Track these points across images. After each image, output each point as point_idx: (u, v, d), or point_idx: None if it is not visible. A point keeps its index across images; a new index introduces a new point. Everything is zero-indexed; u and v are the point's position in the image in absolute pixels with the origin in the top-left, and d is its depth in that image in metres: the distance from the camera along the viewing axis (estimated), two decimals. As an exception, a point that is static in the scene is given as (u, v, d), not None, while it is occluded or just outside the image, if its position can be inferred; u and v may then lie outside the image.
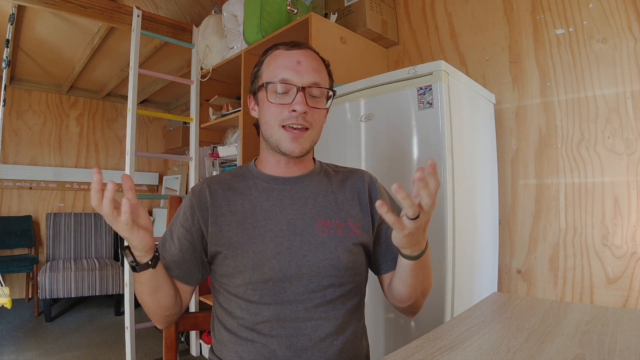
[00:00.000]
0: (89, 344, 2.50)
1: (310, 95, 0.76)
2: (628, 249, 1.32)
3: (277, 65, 0.77)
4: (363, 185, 0.84)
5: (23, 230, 3.39)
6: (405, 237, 0.62)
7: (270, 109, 0.76)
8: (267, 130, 0.77)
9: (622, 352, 0.58)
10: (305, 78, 0.75)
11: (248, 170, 0.85)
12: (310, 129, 0.76)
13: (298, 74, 0.75)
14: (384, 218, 0.59)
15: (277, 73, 0.75)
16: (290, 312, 0.72)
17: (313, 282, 0.73)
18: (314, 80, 0.75)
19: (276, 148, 0.77)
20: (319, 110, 0.77)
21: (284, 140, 0.75)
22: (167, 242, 0.80)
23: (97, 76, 3.51)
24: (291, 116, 0.74)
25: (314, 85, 0.76)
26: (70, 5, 2.17)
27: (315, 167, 0.85)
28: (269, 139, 0.78)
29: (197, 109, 2.56)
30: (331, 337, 0.73)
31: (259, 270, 0.73)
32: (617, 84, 1.37)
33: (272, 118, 0.75)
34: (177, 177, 3.86)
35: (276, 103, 0.75)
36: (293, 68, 0.75)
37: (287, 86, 0.75)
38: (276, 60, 0.78)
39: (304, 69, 0.75)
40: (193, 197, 0.80)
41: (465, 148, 1.31)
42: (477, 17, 1.76)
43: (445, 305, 1.14)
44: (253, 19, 1.94)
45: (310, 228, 0.76)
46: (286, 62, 0.76)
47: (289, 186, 0.80)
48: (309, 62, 0.77)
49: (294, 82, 0.74)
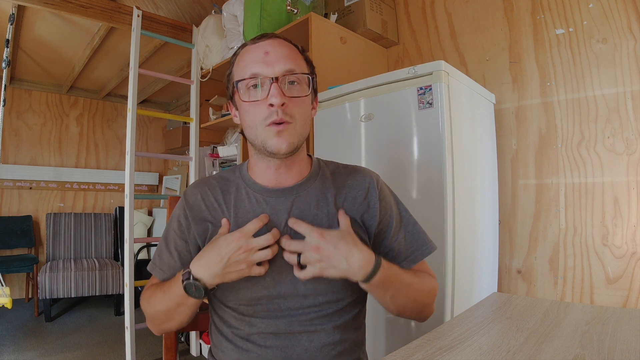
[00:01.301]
0: (89, 344, 2.50)
1: (287, 84, 0.68)
2: (628, 249, 1.32)
3: (245, 61, 0.70)
4: (361, 193, 0.76)
5: (23, 230, 3.39)
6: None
7: (247, 109, 0.69)
8: (251, 133, 0.70)
9: (622, 352, 0.58)
10: (276, 68, 0.67)
11: (241, 176, 0.78)
12: (293, 122, 0.68)
13: (268, 65, 0.67)
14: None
15: (246, 69, 0.69)
16: (285, 325, 0.70)
17: (309, 299, 0.71)
18: (286, 68, 0.68)
19: (263, 150, 0.69)
20: (301, 100, 0.69)
21: (269, 139, 0.67)
22: (164, 254, 0.77)
23: (97, 76, 3.51)
24: (271, 112, 0.66)
25: (287, 73, 0.68)
26: (70, 5, 2.17)
27: (312, 171, 0.77)
28: (254, 142, 0.70)
29: (197, 109, 2.56)
30: (328, 347, 0.71)
31: (252, 289, 0.70)
32: (617, 84, 1.37)
33: (253, 119, 0.68)
34: (177, 177, 3.86)
35: (251, 101, 0.68)
36: (262, 60, 0.68)
37: (259, 80, 0.68)
38: (244, 56, 0.71)
39: (274, 58, 0.68)
40: (187, 207, 0.75)
41: (465, 148, 1.31)
42: (477, 17, 1.76)
43: (445, 305, 1.14)
44: (253, 19, 1.94)
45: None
46: (254, 55, 0.69)
47: (283, 199, 0.73)
48: (278, 50, 0.69)
49: (265, 74, 0.67)
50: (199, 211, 0.75)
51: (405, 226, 0.78)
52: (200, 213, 0.74)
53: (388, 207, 0.78)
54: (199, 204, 0.75)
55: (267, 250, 0.66)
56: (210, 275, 0.65)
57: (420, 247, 0.77)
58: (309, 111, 0.74)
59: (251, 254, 0.65)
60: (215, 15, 2.44)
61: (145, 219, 3.90)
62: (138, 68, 2.21)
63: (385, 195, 0.78)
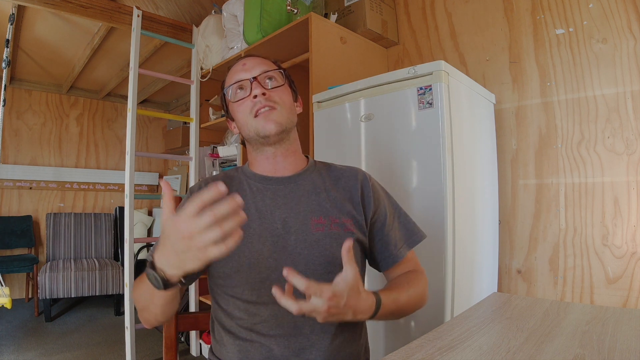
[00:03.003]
0: (89, 344, 2.50)
1: (265, 80, 0.82)
2: (628, 249, 1.32)
3: (230, 75, 0.85)
4: (356, 183, 0.84)
5: (23, 230, 3.39)
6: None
7: (238, 109, 0.81)
8: (245, 128, 0.81)
9: (622, 352, 0.58)
10: (254, 71, 0.82)
11: (242, 171, 0.87)
12: (277, 107, 0.79)
13: (247, 71, 0.82)
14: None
15: (232, 79, 0.83)
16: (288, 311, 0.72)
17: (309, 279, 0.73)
18: (261, 69, 0.82)
19: (257, 138, 0.80)
20: (280, 89, 0.82)
21: (259, 125, 0.78)
22: None
23: (97, 76, 3.51)
24: (255, 102, 0.79)
25: (262, 72, 0.82)
26: (70, 5, 2.17)
27: (308, 165, 0.86)
28: (249, 135, 0.81)
29: (197, 109, 2.56)
30: (329, 336, 0.74)
31: (256, 269, 0.74)
32: (617, 84, 1.37)
33: (242, 115, 0.81)
34: (177, 177, 3.86)
35: (238, 100, 0.81)
36: (241, 69, 0.83)
37: (242, 83, 0.81)
38: (229, 74, 0.86)
39: (251, 65, 0.83)
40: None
41: (465, 148, 1.31)
42: (477, 17, 1.76)
43: (445, 305, 1.14)
44: (253, 19, 1.94)
45: (304, 226, 0.77)
46: (235, 68, 0.85)
47: (282, 186, 0.82)
48: (254, 60, 0.84)
49: (246, 77, 0.81)
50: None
51: (398, 216, 0.87)
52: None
53: (381, 198, 0.85)
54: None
55: (214, 229, 0.49)
56: (169, 265, 0.56)
57: (413, 234, 0.86)
58: (291, 100, 0.85)
59: (196, 239, 0.50)
60: (215, 15, 2.44)
61: (145, 219, 3.90)
62: (138, 68, 2.21)
63: (377, 189, 0.87)
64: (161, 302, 0.66)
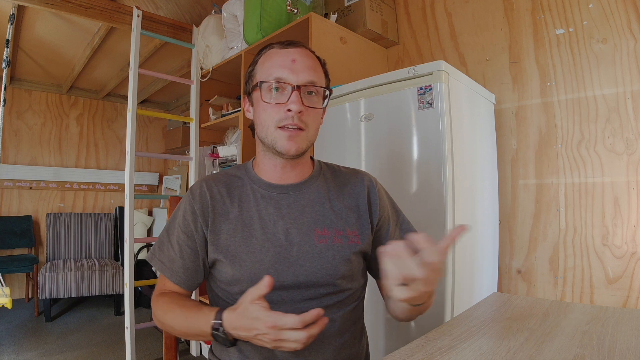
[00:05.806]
0: (89, 344, 2.50)
1: (306, 94, 0.74)
2: (628, 249, 1.32)
3: (271, 64, 0.74)
4: (362, 190, 0.82)
5: (23, 230, 3.39)
6: (406, 299, 0.57)
7: (265, 109, 0.73)
8: (263, 132, 0.75)
9: (622, 352, 0.58)
10: (300, 76, 0.72)
11: (246, 172, 0.83)
12: (306, 129, 0.74)
13: (293, 73, 0.72)
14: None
15: (272, 72, 0.73)
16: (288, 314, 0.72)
17: (310, 290, 0.74)
18: (309, 79, 0.73)
19: (272, 148, 0.75)
20: (315, 110, 0.75)
21: (279, 140, 0.73)
22: (165, 246, 0.78)
23: (97, 76, 3.51)
24: (287, 116, 0.71)
25: (309, 84, 0.73)
26: (70, 5, 2.17)
27: (314, 172, 0.83)
28: (264, 140, 0.76)
29: (197, 109, 2.56)
30: (329, 338, 0.74)
31: (257, 280, 0.70)
32: (617, 84, 1.37)
33: (268, 119, 0.73)
34: (177, 177, 3.86)
35: (271, 103, 0.73)
36: (288, 66, 0.73)
37: (282, 85, 0.72)
38: (270, 59, 0.75)
39: (299, 67, 0.73)
40: (194, 200, 0.78)
41: (465, 148, 1.31)
42: (477, 17, 1.76)
43: (445, 305, 1.14)
44: (253, 19, 1.94)
45: (307, 238, 0.75)
46: (281, 60, 0.74)
47: (286, 194, 0.79)
48: (304, 60, 0.74)
49: (289, 81, 0.72)
50: (205, 202, 0.77)
51: (401, 223, 0.86)
52: (206, 204, 0.77)
53: (386, 205, 0.84)
54: (204, 195, 0.78)
55: (300, 332, 0.57)
56: (239, 335, 0.64)
57: None
58: (320, 121, 0.80)
59: (279, 333, 0.58)
60: (215, 15, 2.44)
61: (145, 219, 3.90)
62: (138, 68, 2.21)
63: (382, 195, 0.85)
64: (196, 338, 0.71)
